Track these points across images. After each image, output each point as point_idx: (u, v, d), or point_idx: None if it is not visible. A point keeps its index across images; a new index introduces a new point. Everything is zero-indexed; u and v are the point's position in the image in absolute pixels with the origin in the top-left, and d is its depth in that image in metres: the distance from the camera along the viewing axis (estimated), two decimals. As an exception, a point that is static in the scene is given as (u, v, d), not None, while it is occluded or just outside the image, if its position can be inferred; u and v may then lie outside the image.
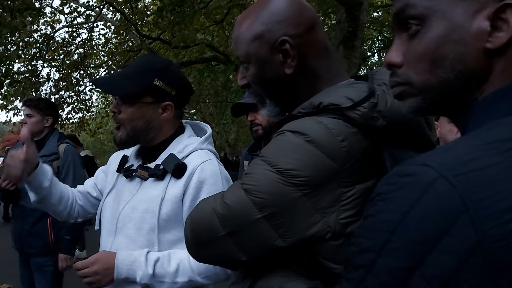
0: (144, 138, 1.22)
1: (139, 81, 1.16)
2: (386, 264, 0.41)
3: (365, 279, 0.42)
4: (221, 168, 1.20)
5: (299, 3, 0.79)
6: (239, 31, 0.82)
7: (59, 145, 2.34)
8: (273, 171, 0.67)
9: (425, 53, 0.50)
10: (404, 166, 0.43)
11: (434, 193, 0.39)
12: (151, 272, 1.09)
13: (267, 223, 0.67)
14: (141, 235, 1.15)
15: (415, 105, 0.53)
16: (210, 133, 1.29)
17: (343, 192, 0.66)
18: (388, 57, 0.54)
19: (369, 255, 0.42)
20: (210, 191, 1.12)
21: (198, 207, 0.78)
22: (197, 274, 1.08)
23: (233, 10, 7.28)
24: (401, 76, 0.53)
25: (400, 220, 0.40)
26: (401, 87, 0.53)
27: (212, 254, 0.74)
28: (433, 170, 0.40)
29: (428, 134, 0.73)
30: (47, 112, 2.36)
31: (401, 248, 0.40)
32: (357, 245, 0.45)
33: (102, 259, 1.14)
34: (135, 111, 1.17)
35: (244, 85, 0.85)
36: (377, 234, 0.42)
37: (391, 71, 0.55)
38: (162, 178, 1.16)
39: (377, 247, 0.41)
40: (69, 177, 2.24)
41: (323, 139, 0.66)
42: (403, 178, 0.42)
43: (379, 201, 0.43)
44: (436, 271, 0.38)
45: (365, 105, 0.68)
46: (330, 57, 0.82)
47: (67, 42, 10.07)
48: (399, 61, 0.53)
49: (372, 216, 0.44)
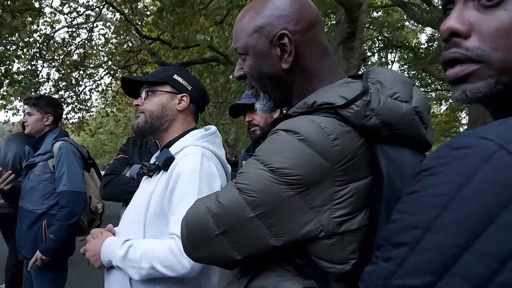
0: (159, 127, 1.31)
1: (160, 75, 1.34)
2: (434, 241, 0.38)
3: (409, 256, 0.39)
4: (205, 163, 1.20)
5: (302, 1, 0.80)
6: (239, 24, 0.83)
7: (55, 143, 2.27)
8: (265, 170, 0.67)
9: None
10: (457, 139, 0.40)
11: (494, 165, 0.36)
12: (122, 255, 1.13)
13: (260, 222, 0.67)
14: (132, 227, 1.21)
15: (485, 89, 0.45)
16: (211, 132, 1.32)
17: (336, 190, 0.66)
18: (450, 22, 0.47)
19: (415, 232, 0.39)
20: (184, 182, 1.15)
21: (193, 206, 0.78)
22: (158, 262, 1.09)
23: (233, 11, 7.27)
24: (473, 50, 0.45)
25: (455, 193, 0.37)
26: (473, 65, 0.46)
27: (207, 253, 0.74)
28: (492, 142, 0.37)
29: (423, 132, 0.72)
30: (47, 110, 2.31)
31: (454, 223, 0.37)
32: (399, 222, 0.42)
33: (91, 246, 1.23)
34: (155, 100, 1.31)
35: (240, 76, 0.86)
36: (426, 209, 0.39)
37: (451, 41, 0.47)
38: (158, 172, 1.24)
39: (425, 223, 0.38)
40: (63, 174, 2.17)
41: (315, 137, 0.66)
42: (459, 151, 0.39)
43: (429, 175, 0.40)
44: (492, 247, 0.35)
45: (358, 103, 0.68)
46: (328, 57, 0.82)
47: (67, 42, 10.09)
48: (465, 29, 0.46)
49: (419, 192, 0.41)
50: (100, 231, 1.28)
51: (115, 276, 1.20)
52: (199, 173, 1.16)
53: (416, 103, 0.71)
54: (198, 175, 1.16)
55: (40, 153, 2.25)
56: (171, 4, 6.47)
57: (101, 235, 1.25)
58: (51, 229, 2.12)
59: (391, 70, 0.79)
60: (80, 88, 11.08)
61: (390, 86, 0.71)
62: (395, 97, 0.70)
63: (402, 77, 0.76)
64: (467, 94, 0.47)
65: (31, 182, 2.22)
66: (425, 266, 0.38)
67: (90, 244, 1.24)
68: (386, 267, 0.41)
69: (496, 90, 0.45)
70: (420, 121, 0.71)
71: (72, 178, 2.18)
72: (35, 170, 2.24)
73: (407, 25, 13.28)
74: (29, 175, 2.26)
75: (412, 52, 12.41)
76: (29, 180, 2.24)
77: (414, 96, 0.73)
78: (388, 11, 11.45)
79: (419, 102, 0.72)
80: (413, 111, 0.70)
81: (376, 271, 0.43)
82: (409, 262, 0.39)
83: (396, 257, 0.40)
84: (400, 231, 0.41)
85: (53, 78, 10.35)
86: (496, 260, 0.35)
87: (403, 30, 12.75)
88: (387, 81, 0.73)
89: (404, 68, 14.43)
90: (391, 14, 11.65)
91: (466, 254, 0.36)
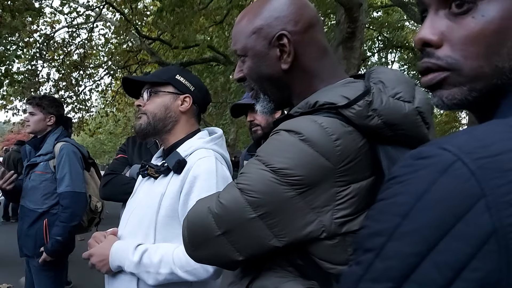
0: (162, 129, 1.29)
1: (163, 75, 1.32)
2: (395, 249, 0.39)
3: (374, 262, 0.41)
4: (219, 166, 1.20)
5: (300, 2, 0.80)
6: (238, 26, 0.83)
7: (56, 143, 2.27)
8: (267, 170, 0.67)
9: (481, 35, 0.43)
10: (421, 148, 0.41)
11: (451, 177, 0.37)
12: (136, 260, 1.11)
13: (261, 223, 0.67)
14: (141, 229, 1.18)
15: (459, 96, 0.46)
16: (219, 135, 1.32)
17: (338, 191, 0.66)
18: (422, 33, 0.47)
19: (379, 239, 0.40)
20: (202, 186, 1.14)
21: (194, 207, 0.77)
22: (178, 267, 1.09)
23: (233, 11, 7.27)
24: (443, 59, 0.46)
25: (414, 203, 0.38)
26: (443, 73, 0.46)
27: (208, 253, 0.74)
28: (451, 153, 0.38)
29: (426, 133, 0.71)
30: (50, 110, 2.31)
31: (412, 233, 0.38)
32: (368, 228, 0.43)
33: (97, 251, 1.20)
34: (157, 101, 1.28)
35: (239, 78, 0.86)
36: (389, 218, 0.40)
37: (424, 51, 0.48)
38: (167, 174, 1.21)
39: (387, 231, 0.40)
40: (65, 175, 2.18)
41: (317, 138, 0.65)
42: (420, 161, 0.40)
43: (394, 184, 0.41)
44: (447, 258, 0.36)
45: (359, 104, 0.67)
46: (329, 57, 0.82)
47: (67, 42, 10.08)
48: (436, 39, 0.46)
49: (385, 200, 0.42)
50: (103, 234, 1.25)
51: (122, 280, 1.18)
52: (216, 177, 1.16)
53: (418, 103, 0.71)
54: (215, 179, 1.15)
55: (42, 154, 2.26)
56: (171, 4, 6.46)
57: (105, 239, 1.22)
58: (56, 231, 2.15)
59: (394, 69, 0.79)
60: (80, 88, 11.08)
61: (392, 86, 0.71)
62: (397, 97, 0.69)
63: (404, 77, 0.76)
64: (443, 100, 0.47)
65: (32, 182, 2.23)
66: (387, 273, 0.39)
67: (95, 249, 1.21)
68: (356, 271, 0.43)
69: (472, 97, 0.45)
70: (422, 121, 0.71)
71: (74, 179, 2.19)
72: (37, 170, 2.25)
73: (407, 25, 13.27)
74: (31, 174, 2.27)
75: (412, 52, 12.40)
76: (30, 180, 2.25)
77: (416, 96, 0.72)
78: (388, 11, 11.45)
79: (422, 102, 0.71)
80: (415, 111, 0.70)
81: (348, 274, 0.45)
82: (373, 268, 0.41)
83: (364, 262, 0.42)
84: (368, 237, 0.42)
85: (53, 78, 10.36)
86: (451, 269, 0.36)
87: (403, 30, 12.75)
88: (389, 81, 0.72)
89: (404, 68, 14.42)
90: (391, 14, 11.65)
91: (423, 263, 0.37)
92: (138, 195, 1.30)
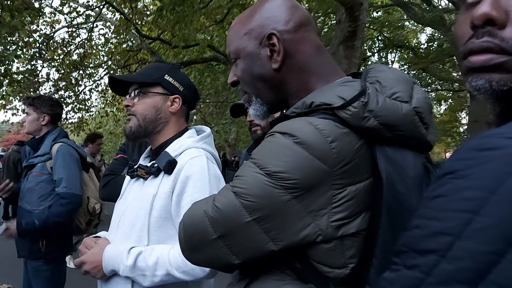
0: (152, 130, 1.27)
1: (152, 75, 1.29)
2: (467, 248, 0.36)
3: (439, 264, 0.37)
4: (211, 165, 1.19)
5: (291, 3, 0.81)
6: (232, 30, 0.84)
7: (53, 144, 2.25)
8: (262, 173, 0.66)
9: None
10: (483, 140, 0.38)
11: None
12: (130, 264, 1.10)
13: (257, 227, 0.66)
14: (134, 232, 1.17)
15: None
16: (208, 134, 1.31)
17: (334, 194, 0.65)
18: (485, 9, 0.43)
19: (444, 238, 0.37)
20: (195, 185, 1.13)
21: (190, 210, 0.77)
22: (175, 268, 1.08)
23: (233, 10, 7.27)
24: (508, 41, 0.42)
25: (487, 197, 0.35)
26: (504, 56, 0.43)
27: (204, 257, 0.73)
28: None
29: (424, 133, 0.69)
30: (43, 110, 2.28)
31: (488, 229, 0.35)
32: (424, 228, 0.40)
33: (89, 258, 1.18)
34: (147, 102, 1.26)
35: (233, 82, 0.86)
36: (455, 215, 0.37)
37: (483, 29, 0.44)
38: (157, 175, 1.19)
39: (455, 229, 0.37)
40: (61, 177, 2.15)
41: (312, 140, 0.64)
42: (486, 152, 0.37)
43: (455, 178, 0.38)
44: None
45: (355, 105, 0.66)
46: (324, 55, 0.81)
47: (66, 42, 10.08)
48: (502, 17, 0.42)
49: (445, 196, 0.39)
50: (93, 240, 1.24)
51: (116, 283, 1.17)
52: (208, 176, 1.15)
53: (416, 103, 0.69)
54: (207, 178, 1.14)
55: (39, 154, 2.24)
56: (171, 3, 6.47)
57: (96, 245, 1.20)
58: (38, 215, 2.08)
59: (392, 68, 0.77)
60: (79, 88, 11.09)
61: (389, 86, 0.69)
62: (394, 98, 0.68)
63: (403, 76, 0.74)
64: (492, 84, 0.44)
65: (29, 183, 2.22)
66: (458, 275, 0.36)
67: (87, 256, 1.19)
68: (412, 275, 0.39)
69: None
70: (420, 121, 0.69)
71: (71, 181, 2.17)
72: (34, 171, 2.24)
73: (407, 25, 13.27)
74: (28, 175, 2.26)
75: (412, 52, 12.40)
76: (28, 181, 2.24)
77: (414, 95, 0.71)
78: (389, 10, 11.45)
79: (420, 101, 0.70)
80: (413, 112, 0.68)
81: (400, 280, 0.41)
82: (439, 271, 0.37)
83: (423, 265, 0.39)
84: (426, 238, 0.39)
85: (53, 78, 10.36)
86: None
87: (403, 30, 12.75)
88: (387, 80, 0.71)
89: (404, 68, 14.41)
90: (392, 14, 11.65)
91: (503, 262, 0.34)
92: (127, 196, 1.27)
